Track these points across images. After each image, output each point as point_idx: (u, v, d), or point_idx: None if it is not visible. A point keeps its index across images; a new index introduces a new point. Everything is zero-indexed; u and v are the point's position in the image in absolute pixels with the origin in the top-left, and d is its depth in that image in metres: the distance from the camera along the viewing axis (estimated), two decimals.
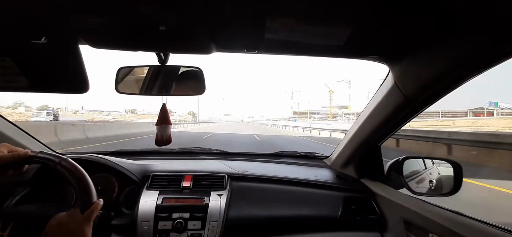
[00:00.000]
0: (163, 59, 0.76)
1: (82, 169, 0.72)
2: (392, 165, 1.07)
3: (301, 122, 51.62)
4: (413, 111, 0.82)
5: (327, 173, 1.26)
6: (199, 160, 1.45)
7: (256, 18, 0.55)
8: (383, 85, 0.88)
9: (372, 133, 1.01)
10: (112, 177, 1.06)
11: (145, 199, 0.94)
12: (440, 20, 0.52)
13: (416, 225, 0.84)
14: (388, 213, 0.99)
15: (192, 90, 0.83)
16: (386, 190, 1.04)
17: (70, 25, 0.60)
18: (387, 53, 0.70)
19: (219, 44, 0.68)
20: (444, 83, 0.64)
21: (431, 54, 0.62)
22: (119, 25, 0.59)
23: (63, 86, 0.75)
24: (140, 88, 0.84)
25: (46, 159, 0.72)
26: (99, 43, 0.69)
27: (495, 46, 0.49)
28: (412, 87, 0.73)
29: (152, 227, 0.89)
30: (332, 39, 0.61)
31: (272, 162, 1.43)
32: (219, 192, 0.99)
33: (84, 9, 0.53)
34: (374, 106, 0.94)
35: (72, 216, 0.61)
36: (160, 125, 0.85)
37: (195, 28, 0.60)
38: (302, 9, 0.52)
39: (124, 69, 0.83)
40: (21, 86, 0.71)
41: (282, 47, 0.69)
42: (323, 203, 1.05)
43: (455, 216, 0.75)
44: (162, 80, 0.82)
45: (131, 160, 1.17)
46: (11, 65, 0.68)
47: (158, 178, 1.03)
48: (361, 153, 1.14)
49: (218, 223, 0.91)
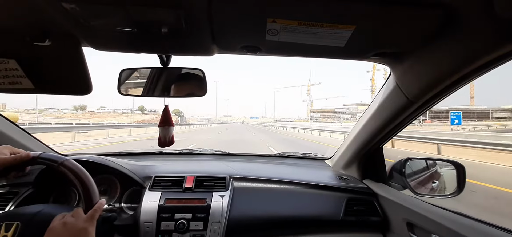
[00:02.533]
0: (165, 60, 0.76)
1: (84, 170, 0.73)
2: (394, 166, 1.07)
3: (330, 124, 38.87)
4: (415, 112, 0.81)
5: (329, 174, 1.25)
6: (201, 161, 1.46)
7: (257, 20, 0.55)
8: (384, 86, 0.88)
9: (374, 134, 1.00)
10: (114, 178, 1.06)
11: (147, 200, 0.95)
12: (441, 21, 0.52)
13: (419, 226, 0.83)
14: (391, 214, 0.99)
15: (194, 92, 0.83)
16: (389, 191, 1.04)
17: (73, 28, 0.60)
18: (388, 55, 0.70)
19: (221, 46, 0.69)
20: (446, 84, 0.64)
21: (433, 55, 0.62)
22: (122, 27, 0.60)
23: (66, 88, 0.76)
24: (142, 90, 0.84)
25: (49, 160, 0.72)
26: (101, 45, 0.69)
27: (497, 46, 0.49)
28: (413, 88, 0.73)
29: (154, 227, 0.89)
30: (333, 40, 0.61)
31: (274, 163, 1.43)
32: (221, 193, 0.99)
33: (87, 11, 0.54)
34: (376, 107, 0.94)
35: (76, 216, 0.62)
36: (162, 127, 0.85)
37: (197, 30, 0.60)
38: (303, 12, 0.52)
39: (127, 71, 0.84)
40: (25, 88, 0.72)
41: (283, 48, 0.69)
42: (325, 204, 1.05)
43: (458, 218, 0.74)
44: (164, 81, 0.82)
45: (133, 161, 1.18)
46: (15, 67, 0.68)
47: (161, 179, 1.03)
48: (363, 154, 1.13)
49: (220, 224, 0.91)
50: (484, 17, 0.46)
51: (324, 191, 1.09)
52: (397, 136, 1.02)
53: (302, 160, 1.55)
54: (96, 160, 1.03)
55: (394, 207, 0.97)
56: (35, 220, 0.65)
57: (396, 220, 0.96)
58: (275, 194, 1.07)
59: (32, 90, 0.73)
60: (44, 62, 0.70)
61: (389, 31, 0.58)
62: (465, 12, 0.49)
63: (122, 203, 1.03)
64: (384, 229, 1.02)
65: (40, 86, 0.73)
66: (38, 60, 0.69)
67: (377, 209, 1.03)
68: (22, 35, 0.62)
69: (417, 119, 0.89)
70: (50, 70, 0.72)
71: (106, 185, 1.06)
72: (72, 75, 0.73)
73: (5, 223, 0.62)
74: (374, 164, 1.15)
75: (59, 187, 1.02)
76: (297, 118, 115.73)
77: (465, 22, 0.50)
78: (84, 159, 0.99)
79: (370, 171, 1.17)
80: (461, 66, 0.57)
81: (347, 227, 1.02)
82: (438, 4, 0.49)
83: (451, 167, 0.99)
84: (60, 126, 13.63)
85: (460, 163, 0.96)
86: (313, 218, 1.02)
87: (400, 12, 0.51)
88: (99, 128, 15.78)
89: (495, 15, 0.43)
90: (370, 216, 1.02)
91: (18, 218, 0.64)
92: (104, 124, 19.27)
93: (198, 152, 1.58)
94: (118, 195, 1.04)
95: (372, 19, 0.54)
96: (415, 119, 0.87)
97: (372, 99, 1.00)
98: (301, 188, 1.09)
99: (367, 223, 1.02)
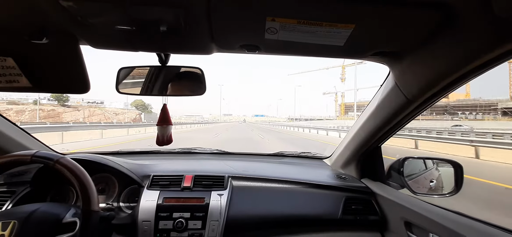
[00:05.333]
0: (163, 59, 0.76)
1: (81, 168, 0.73)
2: (392, 165, 1.07)
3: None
4: (413, 111, 0.82)
5: (328, 173, 1.26)
6: (199, 160, 1.46)
7: (256, 19, 0.55)
8: (383, 86, 0.88)
9: (373, 134, 1.01)
10: (112, 177, 1.06)
11: (145, 199, 0.95)
12: (440, 21, 0.52)
13: (417, 225, 0.84)
14: (389, 213, 0.99)
15: (192, 90, 0.83)
16: (387, 190, 1.04)
17: (71, 25, 0.60)
18: (387, 54, 0.70)
19: (219, 45, 0.68)
20: (445, 83, 0.64)
21: (431, 55, 0.62)
22: (120, 25, 0.59)
23: (64, 86, 0.76)
24: (140, 88, 0.84)
25: (44, 158, 0.72)
26: (99, 43, 0.69)
27: (496, 45, 0.49)
28: (412, 87, 0.73)
29: (152, 226, 0.89)
30: (332, 39, 0.61)
31: (272, 162, 1.43)
32: (220, 192, 0.99)
33: (85, 9, 0.53)
34: (375, 107, 0.94)
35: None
36: (161, 125, 0.85)
37: (196, 28, 0.60)
38: (303, 10, 0.52)
39: (125, 69, 0.83)
40: (22, 86, 0.71)
41: (282, 47, 0.69)
42: (323, 203, 1.05)
43: (456, 217, 0.75)
44: (162, 80, 0.82)
45: (132, 160, 1.18)
46: (12, 65, 0.68)
47: (159, 178, 1.03)
48: (362, 153, 1.14)
49: (218, 223, 0.91)
50: (482, 16, 0.46)
51: (322, 190, 1.09)
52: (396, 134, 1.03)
53: (301, 159, 1.56)
54: (94, 158, 1.02)
55: (392, 206, 0.97)
56: (31, 218, 0.65)
57: (394, 219, 0.96)
58: (273, 193, 1.07)
59: (30, 88, 0.73)
60: (42, 60, 0.69)
61: (387, 30, 0.58)
62: (463, 12, 0.49)
63: (120, 202, 1.03)
64: (382, 228, 1.02)
65: (37, 84, 0.73)
66: (35, 58, 0.69)
67: (375, 208, 1.03)
68: (19, 33, 0.62)
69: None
70: (48, 68, 0.71)
71: (104, 184, 1.05)
72: (70, 73, 0.72)
73: (1, 222, 0.62)
74: (372, 163, 1.15)
75: (57, 186, 1.02)
76: (320, 116, 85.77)
77: (463, 22, 0.50)
78: (81, 157, 0.99)
79: (368, 170, 1.17)
80: (460, 65, 0.57)
81: (345, 226, 1.03)
82: (436, 4, 0.49)
83: (449, 166, 0.99)
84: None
85: (458, 162, 0.97)
86: (311, 217, 1.02)
87: (399, 12, 0.51)
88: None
89: (493, 14, 0.44)
90: (368, 215, 1.03)
91: (15, 217, 0.64)
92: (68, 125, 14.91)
93: (197, 151, 1.58)
94: (116, 194, 1.04)
95: (371, 18, 0.54)
96: (414, 118, 0.87)
97: (371, 99, 1.00)
98: (299, 187, 1.09)
99: (365, 222, 1.02)
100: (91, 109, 45.27)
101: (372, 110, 0.96)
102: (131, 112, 51.14)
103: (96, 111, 44.92)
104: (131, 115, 48.89)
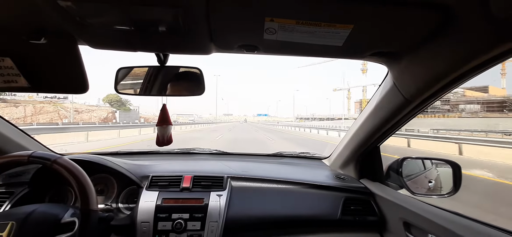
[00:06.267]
0: (162, 59, 0.76)
1: (79, 168, 0.72)
2: (391, 166, 1.07)
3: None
4: (412, 111, 0.82)
5: (327, 173, 1.26)
6: (198, 160, 1.45)
7: (255, 19, 0.55)
8: (382, 86, 0.88)
9: (372, 134, 1.01)
10: (111, 177, 1.06)
11: (144, 200, 0.94)
12: (438, 21, 0.53)
13: (416, 225, 0.84)
14: (388, 214, 0.99)
15: (191, 91, 0.83)
16: (386, 190, 1.04)
17: (69, 26, 0.60)
18: (385, 54, 0.70)
19: (218, 45, 0.68)
20: (443, 83, 0.64)
21: (429, 55, 0.62)
22: (119, 25, 0.59)
23: (62, 86, 0.75)
24: (139, 89, 0.84)
25: (41, 158, 0.71)
26: (98, 43, 0.69)
27: (494, 45, 0.49)
28: (411, 87, 0.74)
29: (151, 227, 0.89)
30: (331, 40, 0.61)
31: (272, 163, 1.43)
32: (219, 193, 0.99)
33: (84, 9, 0.53)
34: (373, 107, 0.94)
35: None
36: (160, 126, 0.85)
37: (195, 28, 0.60)
38: (301, 11, 0.52)
39: (124, 69, 0.83)
40: (20, 86, 0.71)
41: (281, 47, 0.69)
42: (322, 203, 1.05)
43: (454, 217, 0.75)
44: (161, 80, 0.82)
45: (131, 161, 1.17)
46: (11, 65, 0.68)
47: (158, 178, 1.03)
48: (361, 153, 1.14)
49: (217, 224, 0.91)
50: (481, 17, 0.47)
51: (321, 191, 1.09)
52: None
53: (300, 160, 1.56)
54: (93, 159, 1.02)
55: (391, 206, 0.97)
56: (30, 219, 0.65)
57: (393, 220, 0.96)
58: (272, 193, 1.07)
59: (28, 88, 0.72)
60: (40, 61, 0.69)
61: (386, 31, 0.59)
62: (462, 12, 0.49)
63: (119, 203, 1.02)
64: (381, 228, 1.02)
65: (35, 84, 0.73)
66: (33, 58, 0.68)
67: (374, 209, 1.03)
68: (17, 33, 0.61)
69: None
70: (46, 69, 0.71)
71: (103, 185, 1.05)
72: (68, 74, 0.72)
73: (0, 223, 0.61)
74: (371, 163, 1.15)
75: (55, 186, 1.02)
76: (336, 116, 73.37)
77: (462, 22, 0.51)
78: (80, 158, 0.98)
79: (367, 171, 1.18)
80: (458, 65, 0.58)
81: (344, 227, 1.03)
82: (435, 4, 0.49)
83: (447, 166, 0.99)
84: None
85: (456, 162, 0.97)
86: (310, 217, 1.02)
87: (397, 12, 0.51)
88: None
89: (492, 15, 0.44)
90: (367, 216, 1.03)
91: (13, 218, 0.63)
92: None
93: (196, 151, 1.57)
94: (115, 195, 1.03)
95: (369, 19, 0.54)
96: (412, 118, 0.88)
97: (369, 99, 1.00)
98: (298, 188, 1.09)
99: (364, 222, 1.02)
100: (40, 105, 35.20)
101: (370, 110, 0.97)
102: (102, 110, 40.58)
103: (45, 108, 35.27)
104: (101, 113, 38.72)
